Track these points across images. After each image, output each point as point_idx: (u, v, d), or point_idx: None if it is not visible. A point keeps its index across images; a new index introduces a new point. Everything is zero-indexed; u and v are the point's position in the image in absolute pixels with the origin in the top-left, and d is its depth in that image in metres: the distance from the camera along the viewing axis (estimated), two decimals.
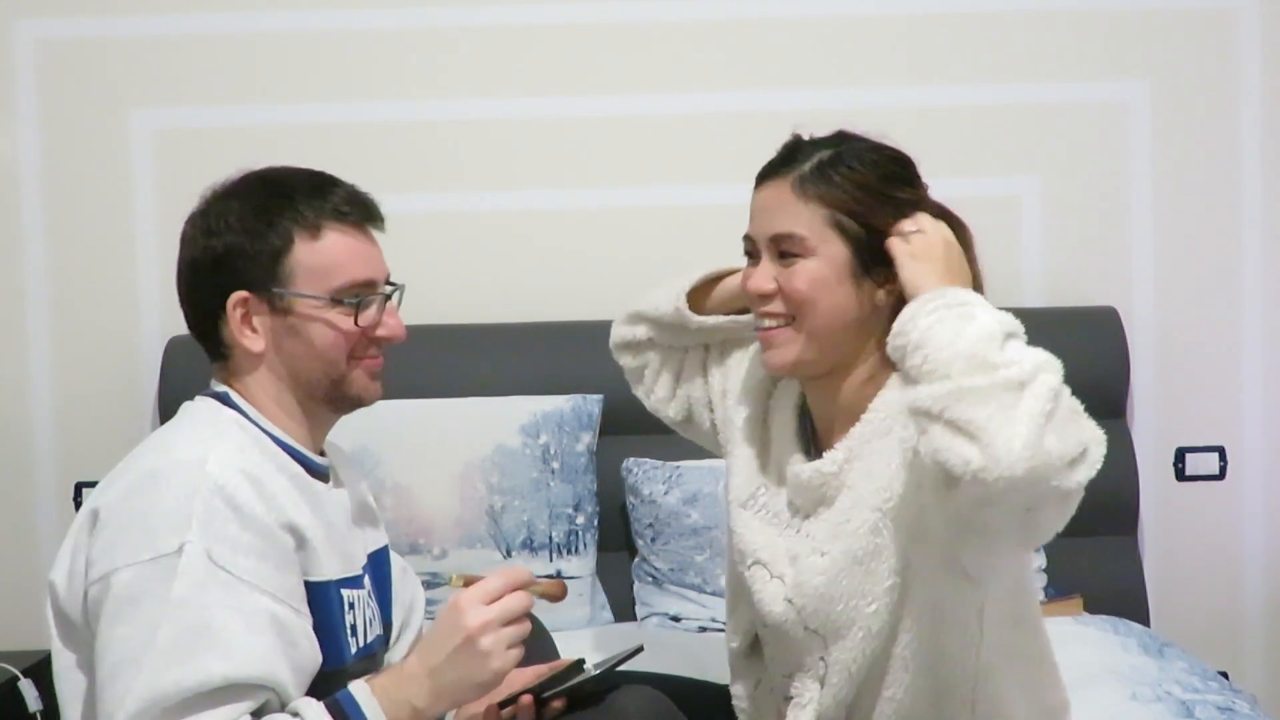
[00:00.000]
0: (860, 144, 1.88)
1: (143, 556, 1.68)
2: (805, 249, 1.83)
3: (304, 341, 1.84)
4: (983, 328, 1.65)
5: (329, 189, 1.87)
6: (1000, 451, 1.57)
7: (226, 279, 1.83)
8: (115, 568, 1.69)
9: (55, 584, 1.79)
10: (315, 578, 1.80)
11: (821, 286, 1.84)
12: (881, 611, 1.81)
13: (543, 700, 1.86)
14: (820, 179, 1.83)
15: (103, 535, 1.73)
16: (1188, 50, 3.34)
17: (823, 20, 3.34)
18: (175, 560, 1.67)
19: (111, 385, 3.33)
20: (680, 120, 3.34)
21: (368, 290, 1.87)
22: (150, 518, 1.70)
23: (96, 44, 3.32)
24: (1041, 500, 1.61)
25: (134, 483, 1.75)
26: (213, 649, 1.65)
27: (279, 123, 3.31)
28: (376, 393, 1.92)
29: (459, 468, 3.04)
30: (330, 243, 1.84)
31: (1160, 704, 2.47)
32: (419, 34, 3.33)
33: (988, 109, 3.34)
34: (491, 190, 3.36)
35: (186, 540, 1.68)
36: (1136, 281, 3.36)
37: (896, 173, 1.87)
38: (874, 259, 1.84)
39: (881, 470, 1.82)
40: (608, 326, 3.35)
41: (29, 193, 3.33)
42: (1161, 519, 3.38)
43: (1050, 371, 1.63)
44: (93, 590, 1.72)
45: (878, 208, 1.84)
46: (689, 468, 3.07)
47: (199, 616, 1.66)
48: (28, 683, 2.93)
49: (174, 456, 1.76)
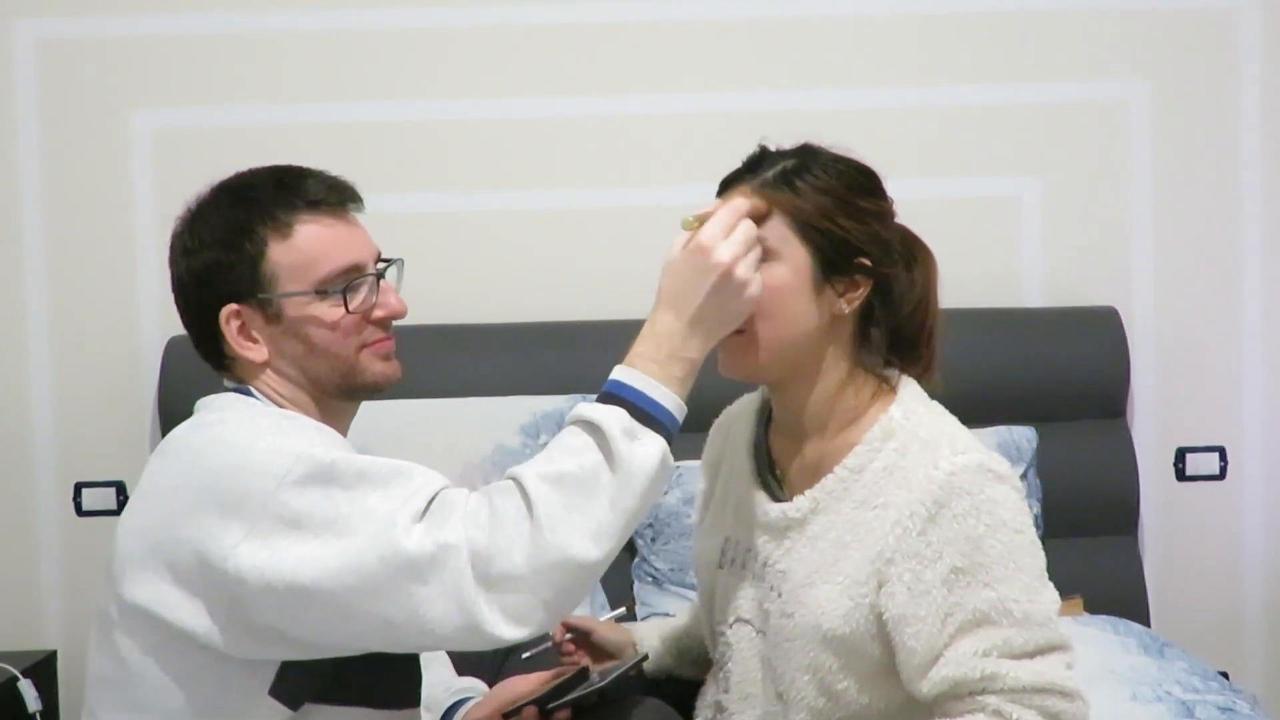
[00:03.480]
0: (825, 155, 1.86)
1: (270, 487, 1.64)
2: (767, 252, 1.81)
3: (303, 341, 1.82)
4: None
5: (296, 182, 1.84)
6: None
7: (214, 295, 1.82)
8: (251, 516, 1.64)
9: (138, 599, 1.71)
10: None
11: (781, 295, 1.81)
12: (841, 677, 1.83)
13: (547, 710, 1.85)
14: (784, 184, 1.82)
15: (208, 505, 1.66)
16: (1188, 50, 3.34)
17: (823, 21, 3.34)
18: (307, 466, 1.65)
19: (111, 385, 3.33)
20: (679, 120, 3.34)
21: (355, 274, 1.83)
22: (250, 465, 1.67)
23: (96, 44, 3.32)
24: None
25: (211, 468, 1.69)
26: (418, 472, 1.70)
27: (279, 123, 3.31)
28: (393, 373, 1.89)
29: (459, 468, 3.04)
30: (304, 237, 1.81)
31: (1160, 704, 2.47)
32: (418, 34, 3.33)
33: (988, 109, 3.34)
34: (491, 190, 3.35)
35: (303, 451, 1.66)
36: (1136, 281, 3.36)
37: (861, 182, 1.86)
38: (835, 268, 1.82)
39: (847, 552, 1.81)
40: (608, 327, 3.36)
41: (29, 193, 3.33)
42: (1161, 519, 3.38)
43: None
44: (240, 551, 1.64)
45: (841, 216, 1.82)
46: (689, 468, 3.06)
47: (374, 464, 1.68)
48: (27, 683, 2.93)
49: (259, 445, 1.70)
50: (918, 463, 1.79)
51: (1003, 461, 1.82)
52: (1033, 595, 1.76)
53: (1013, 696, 1.73)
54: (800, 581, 1.83)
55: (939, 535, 1.75)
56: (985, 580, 1.74)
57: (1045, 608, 1.77)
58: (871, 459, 1.82)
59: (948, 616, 1.74)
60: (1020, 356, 3.22)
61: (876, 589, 1.78)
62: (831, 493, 1.84)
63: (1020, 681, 1.72)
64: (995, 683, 1.73)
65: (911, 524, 1.76)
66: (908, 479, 1.79)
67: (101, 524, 3.28)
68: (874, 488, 1.81)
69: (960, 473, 1.77)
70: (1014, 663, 1.73)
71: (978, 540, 1.74)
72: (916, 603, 1.75)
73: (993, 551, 1.75)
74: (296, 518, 1.64)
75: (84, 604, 3.17)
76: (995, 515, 1.76)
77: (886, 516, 1.79)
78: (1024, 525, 1.79)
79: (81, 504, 3.33)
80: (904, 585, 1.76)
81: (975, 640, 1.74)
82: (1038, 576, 1.78)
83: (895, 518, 1.78)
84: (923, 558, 1.75)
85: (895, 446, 1.82)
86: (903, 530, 1.77)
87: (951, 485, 1.76)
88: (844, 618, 1.79)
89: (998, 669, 1.73)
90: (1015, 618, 1.74)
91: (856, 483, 1.82)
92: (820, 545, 1.83)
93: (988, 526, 1.75)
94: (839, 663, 1.80)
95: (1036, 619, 1.75)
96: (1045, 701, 1.73)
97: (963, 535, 1.75)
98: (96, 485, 3.33)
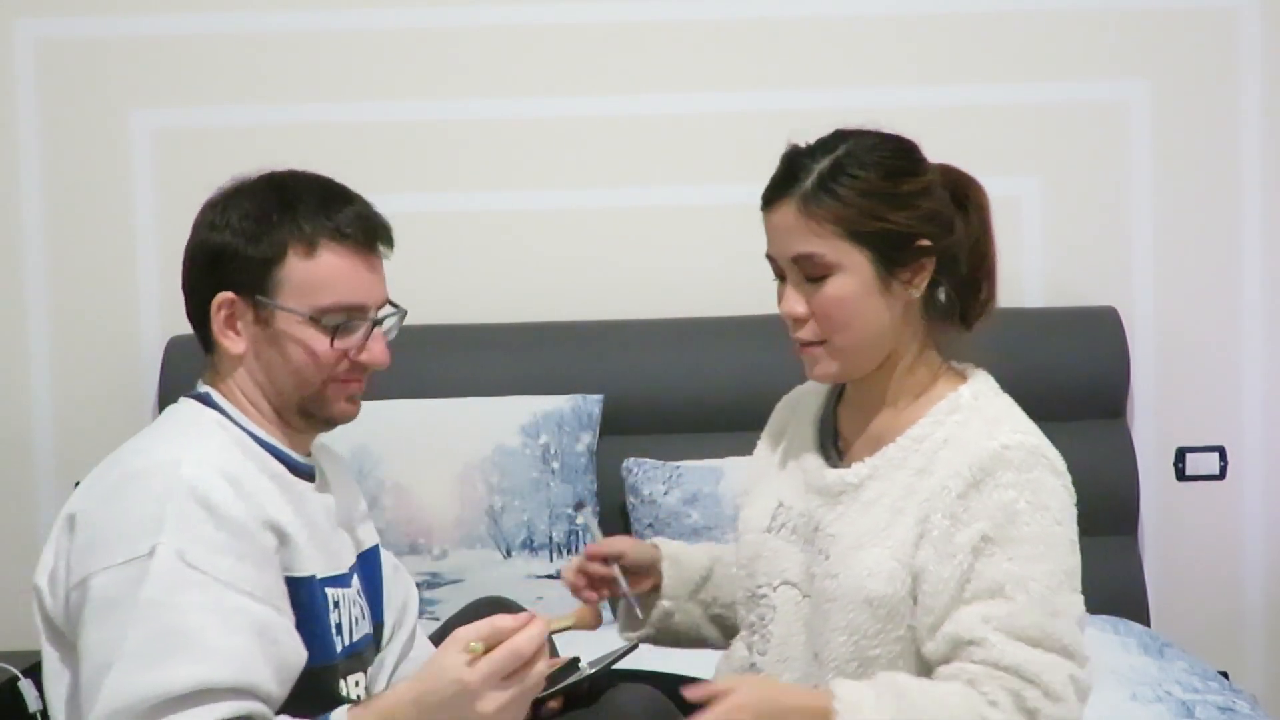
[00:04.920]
0: (858, 143, 1.85)
1: (116, 560, 1.68)
2: (827, 266, 1.81)
3: (280, 353, 1.83)
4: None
5: (336, 206, 1.84)
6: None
7: (218, 277, 1.82)
8: (91, 572, 1.69)
9: (39, 587, 1.80)
10: (297, 573, 1.78)
11: (852, 305, 1.82)
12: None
13: (539, 700, 1.85)
14: (824, 193, 1.81)
15: (80, 539, 1.73)
16: (1188, 50, 3.34)
17: (823, 20, 3.34)
18: (147, 562, 1.66)
19: (111, 385, 3.33)
20: (680, 120, 3.34)
21: (356, 314, 1.83)
22: (125, 521, 1.70)
23: (96, 44, 3.32)
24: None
25: (110, 486, 1.75)
26: (185, 652, 1.64)
27: (279, 123, 3.31)
28: (350, 415, 1.89)
29: (459, 468, 3.04)
30: (323, 262, 1.81)
31: (1160, 704, 2.47)
32: (419, 34, 3.33)
33: (988, 109, 3.34)
34: (491, 190, 3.36)
35: (158, 542, 1.67)
36: (1136, 281, 3.36)
37: (899, 167, 1.85)
38: (897, 261, 1.82)
39: (899, 517, 1.81)
40: (608, 326, 3.36)
41: (29, 193, 3.33)
42: (1161, 519, 3.38)
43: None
44: (73, 595, 1.72)
45: (889, 211, 1.82)
46: (689, 468, 3.07)
47: (170, 619, 1.65)
48: (27, 683, 2.93)
49: (151, 458, 1.75)
50: (976, 434, 1.80)
51: (1062, 460, 1.82)
52: (1055, 586, 1.74)
53: (993, 672, 1.71)
54: (850, 544, 1.83)
55: (978, 500, 1.76)
56: (1010, 555, 1.74)
57: (1064, 605, 1.75)
58: (934, 430, 1.84)
59: (966, 583, 1.74)
60: (1020, 356, 3.21)
61: (915, 550, 1.78)
62: (891, 459, 1.84)
63: (1005, 659, 1.71)
64: (981, 650, 1.71)
65: (953, 485, 1.77)
66: (964, 448, 1.79)
67: None
68: (931, 456, 1.82)
69: (1014, 448, 1.78)
70: (1009, 640, 1.72)
71: (1015, 514, 1.75)
72: (941, 563, 1.76)
73: (1026, 529, 1.75)
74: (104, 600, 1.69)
75: None
76: (1039, 497, 1.76)
77: (934, 480, 1.79)
78: (1065, 519, 1.78)
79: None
80: (932, 543, 1.77)
81: (984, 607, 1.73)
82: (1066, 574, 1.77)
83: (941, 479, 1.78)
84: (957, 519, 1.76)
85: (959, 420, 1.83)
86: (944, 490, 1.77)
87: (1002, 457, 1.77)
88: (887, 579, 1.79)
89: (989, 637, 1.72)
90: (1028, 597, 1.72)
91: (916, 452, 1.83)
92: (874, 510, 1.83)
93: (1028, 504, 1.75)
94: (876, 627, 1.80)
95: (1050, 609, 1.73)
96: (1024, 691, 1.70)
97: (1000, 505, 1.75)
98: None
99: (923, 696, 1.72)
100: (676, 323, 3.28)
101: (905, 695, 1.71)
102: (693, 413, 3.20)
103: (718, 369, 3.19)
